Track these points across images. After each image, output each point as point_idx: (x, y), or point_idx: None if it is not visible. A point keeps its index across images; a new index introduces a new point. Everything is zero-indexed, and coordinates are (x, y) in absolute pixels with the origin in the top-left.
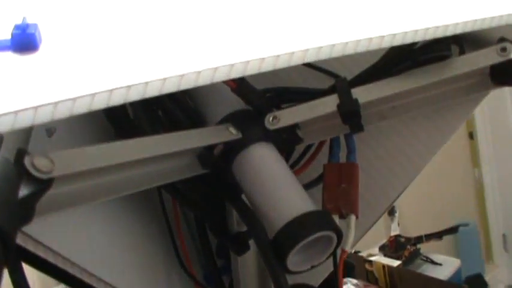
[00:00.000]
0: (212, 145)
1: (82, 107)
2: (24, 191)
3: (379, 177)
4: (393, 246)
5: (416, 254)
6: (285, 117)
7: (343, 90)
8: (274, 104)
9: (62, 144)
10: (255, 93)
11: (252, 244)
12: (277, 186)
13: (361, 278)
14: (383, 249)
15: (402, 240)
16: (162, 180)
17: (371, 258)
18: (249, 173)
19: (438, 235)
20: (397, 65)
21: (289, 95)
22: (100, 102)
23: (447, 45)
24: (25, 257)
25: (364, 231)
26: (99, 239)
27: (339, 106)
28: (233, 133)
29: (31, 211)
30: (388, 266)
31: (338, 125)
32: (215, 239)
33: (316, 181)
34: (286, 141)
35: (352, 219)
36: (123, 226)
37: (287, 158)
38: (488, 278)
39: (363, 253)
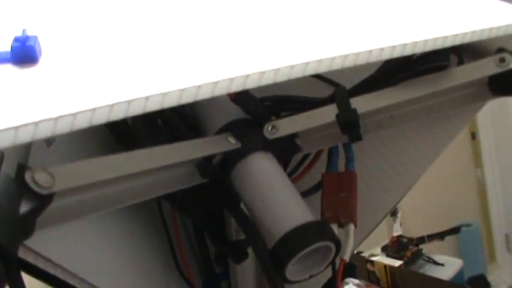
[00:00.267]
0: (211, 155)
1: (83, 122)
2: (25, 206)
3: (377, 185)
4: (395, 247)
5: (418, 254)
6: (284, 127)
7: (342, 100)
8: (273, 112)
9: (60, 153)
10: (253, 102)
11: (251, 252)
12: (276, 196)
13: (362, 278)
14: (385, 250)
15: (404, 240)
16: (161, 191)
17: (373, 259)
18: (248, 183)
19: (440, 236)
20: (396, 75)
21: (288, 104)
22: (101, 117)
23: (446, 55)
24: (24, 267)
25: (362, 239)
26: (97, 249)
27: (338, 116)
28: (232, 143)
29: (32, 226)
30: (389, 266)
31: (337, 134)
32: (213, 246)
33: (314, 189)
34: (284, 150)
35: (351, 228)
36: (122, 234)
37: (285, 166)
38: (491, 278)
39: (365, 253)
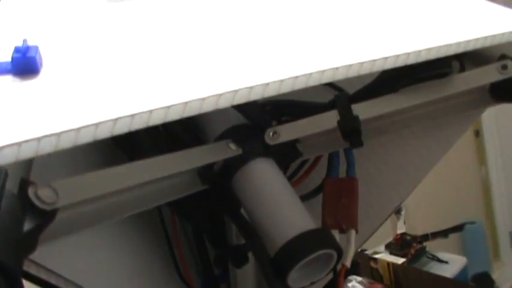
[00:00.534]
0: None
1: (86, 137)
2: (29, 224)
3: (378, 190)
4: (399, 244)
5: (422, 252)
6: (285, 133)
7: (343, 106)
8: (273, 117)
9: (62, 164)
10: (254, 107)
11: (251, 256)
12: (277, 203)
13: (365, 275)
14: (389, 247)
15: (408, 238)
16: (163, 199)
17: (376, 256)
18: (249, 189)
19: (444, 233)
20: (398, 82)
21: (288, 109)
22: (104, 132)
23: (448, 62)
24: (27, 277)
25: (361, 243)
26: (98, 257)
27: (339, 123)
28: (233, 149)
29: (35, 242)
30: (392, 263)
31: (338, 139)
32: (214, 250)
33: (314, 192)
34: (285, 155)
35: (352, 234)
36: (122, 241)
37: (285, 170)
38: (495, 276)
39: (369, 251)
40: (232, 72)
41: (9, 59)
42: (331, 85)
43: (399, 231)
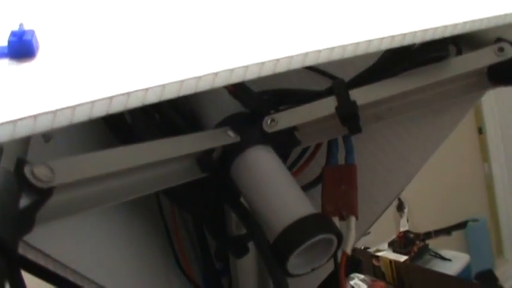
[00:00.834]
0: (211, 149)
1: (82, 115)
2: (25, 201)
3: (377, 177)
4: (402, 242)
5: (425, 249)
6: (283, 120)
7: (341, 92)
8: (271, 106)
9: (59, 148)
10: (252, 95)
11: (251, 246)
12: (276, 190)
13: (368, 273)
14: (392, 245)
15: (411, 236)
16: (162, 186)
17: (378, 254)
18: (248, 176)
19: (447, 231)
20: (395, 66)
21: (286, 97)
22: (100, 110)
23: (445, 45)
24: (24, 264)
25: (362, 232)
26: (97, 245)
27: (337, 108)
28: (231, 136)
29: (31, 221)
30: (395, 261)
31: (336, 126)
32: (214, 241)
33: (315, 183)
34: (284, 143)
35: (352, 220)
36: (122, 231)
37: (285, 159)
38: (498, 273)
39: (372, 249)
40: (228, 52)
41: (6, 43)
42: (328, 75)
43: (402, 229)
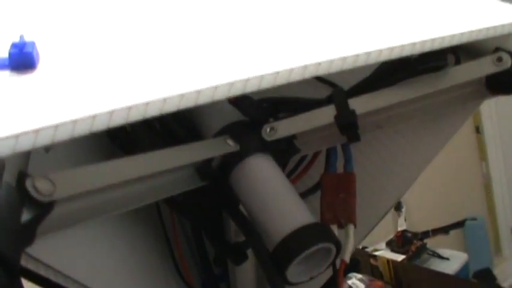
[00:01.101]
0: (210, 157)
1: (83, 129)
2: (27, 215)
3: (376, 185)
4: (400, 242)
5: (422, 248)
6: (282, 128)
7: (340, 101)
8: (270, 114)
9: (59, 159)
10: (251, 104)
11: (250, 253)
12: (275, 198)
13: (366, 273)
14: (390, 245)
15: (409, 235)
16: (162, 195)
17: (376, 253)
18: (247, 185)
19: (444, 230)
20: (394, 76)
21: (285, 105)
22: (101, 124)
23: (443, 55)
24: (26, 275)
25: (361, 238)
26: (97, 253)
27: (336, 117)
28: (231, 145)
29: (33, 234)
30: (392, 260)
31: (335, 134)
32: (213, 248)
33: (313, 190)
34: (283, 151)
35: (351, 228)
36: (121, 238)
37: (283, 167)
38: (496, 271)
39: (370, 248)
40: (228, 65)
41: (7, 55)
42: (327, 83)
43: (400, 228)
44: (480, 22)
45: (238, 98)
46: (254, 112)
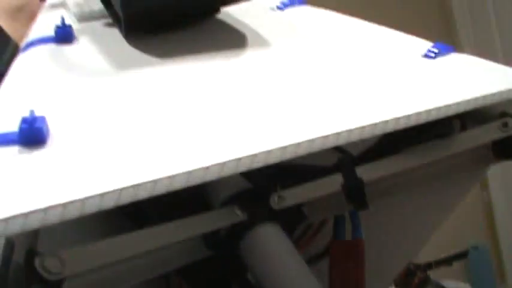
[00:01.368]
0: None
1: (91, 207)
2: None
3: (384, 251)
4: (404, 274)
5: (426, 281)
6: (290, 197)
7: (347, 169)
8: (277, 180)
9: (68, 231)
10: (258, 171)
11: None
12: (284, 269)
13: None
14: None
15: (412, 267)
16: (170, 266)
17: None
18: (256, 255)
19: (447, 261)
20: (400, 143)
21: (293, 172)
22: (109, 202)
23: (449, 122)
24: None
25: None
26: None
27: (344, 186)
28: (239, 215)
29: None
30: None
31: (343, 202)
32: None
33: (321, 255)
34: (291, 219)
35: None
36: None
37: (291, 233)
38: None
39: None
40: (235, 140)
41: (16, 129)
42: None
43: None
44: (484, 88)
45: None
46: (261, 180)
